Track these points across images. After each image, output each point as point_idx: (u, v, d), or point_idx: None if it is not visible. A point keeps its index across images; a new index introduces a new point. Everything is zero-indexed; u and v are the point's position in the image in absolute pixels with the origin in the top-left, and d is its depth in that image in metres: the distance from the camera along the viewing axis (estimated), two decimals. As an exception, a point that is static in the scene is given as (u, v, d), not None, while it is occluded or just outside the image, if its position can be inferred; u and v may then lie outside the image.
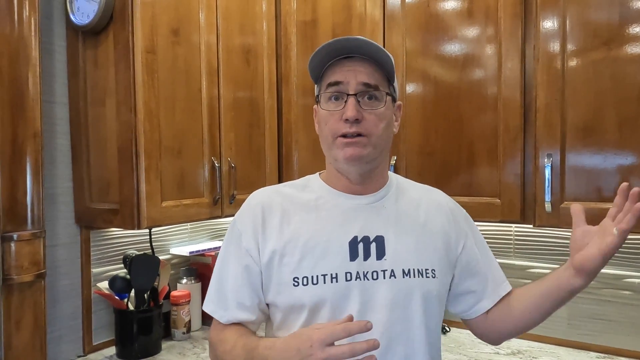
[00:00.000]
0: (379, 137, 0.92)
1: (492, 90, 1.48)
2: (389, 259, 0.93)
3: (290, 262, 0.92)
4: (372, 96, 0.92)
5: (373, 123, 0.91)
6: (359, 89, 0.91)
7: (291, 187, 1.03)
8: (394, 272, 0.92)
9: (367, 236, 0.94)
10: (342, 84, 0.91)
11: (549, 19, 1.36)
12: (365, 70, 0.91)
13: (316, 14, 1.79)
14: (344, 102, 0.91)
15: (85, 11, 1.47)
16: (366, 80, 0.91)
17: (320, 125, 0.97)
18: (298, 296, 0.91)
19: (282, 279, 0.92)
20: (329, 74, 0.94)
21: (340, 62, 0.92)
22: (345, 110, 0.90)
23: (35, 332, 1.39)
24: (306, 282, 0.90)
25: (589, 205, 1.31)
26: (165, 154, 1.50)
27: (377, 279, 0.92)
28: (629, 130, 1.27)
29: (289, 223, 0.95)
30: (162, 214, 1.48)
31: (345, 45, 0.90)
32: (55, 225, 1.54)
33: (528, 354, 1.59)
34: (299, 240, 0.93)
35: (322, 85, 0.95)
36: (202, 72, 1.62)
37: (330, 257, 0.91)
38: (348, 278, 0.90)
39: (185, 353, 1.65)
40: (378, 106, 0.92)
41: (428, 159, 1.59)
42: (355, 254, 0.92)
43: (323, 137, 0.96)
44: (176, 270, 1.91)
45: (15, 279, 1.34)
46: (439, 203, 1.04)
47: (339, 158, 0.93)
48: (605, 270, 1.55)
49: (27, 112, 1.38)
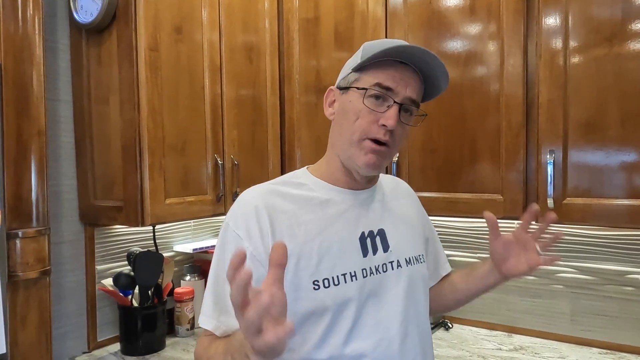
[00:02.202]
0: (397, 151, 0.95)
1: (494, 87, 1.48)
2: (393, 251, 0.95)
3: (308, 266, 0.87)
4: (409, 110, 0.91)
5: (400, 137, 0.91)
6: (405, 101, 0.89)
7: (285, 185, 0.96)
8: (400, 262, 0.95)
9: (372, 230, 0.95)
10: (392, 92, 0.88)
11: (551, 16, 1.36)
12: (415, 85, 0.90)
13: (318, 12, 1.80)
14: (387, 107, 0.88)
15: (88, 9, 1.47)
16: (414, 96, 0.90)
17: (346, 114, 0.91)
18: (321, 299, 0.87)
19: (300, 284, 0.87)
20: (380, 71, 0.89)
21: (394, 64, 0.89)
22: (387, 117, 0.87)
23: (40, 329, 1.40)
24: (327, 284, 0.87)
25: (592, 202, 1.32)
26: (169, 151, 1.51)
27: (387, 272, 0.93)
28: (632, 127, 1.27)
29: (298, 224, 0.90)
30: (165, 211, 1.49)
31: (417, 53, 0.88)
32: (60, 223, 1.55)
33: (531, 349, 1.60)
34: (314, 242, 0.89)
35: (364, 78, 0.90)
36: (205, 69, 1.63)
37: (347, 256, 0.90)
38: (365, 274, 0.91)
39: (189, 349, 1.66)
40: (410, 121, 0.92)
41: (430, 156, 1.59)
42: (366, 249, 0.93)
43: (346, 129, 0.91)
44: (180, 267, 1.92)
45: (20, 275, 1.35)
46: (407, 191, 1.11)
47: (359, 161, 0.90)
48: (607, 266, 1.58)
49: (32, 110, 1.38)
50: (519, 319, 1.74)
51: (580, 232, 1.62)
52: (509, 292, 1.75)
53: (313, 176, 0.98)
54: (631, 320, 1.55)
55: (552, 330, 1.68)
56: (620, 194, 1.28)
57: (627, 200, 1.27)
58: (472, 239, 1.80)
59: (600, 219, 1.31)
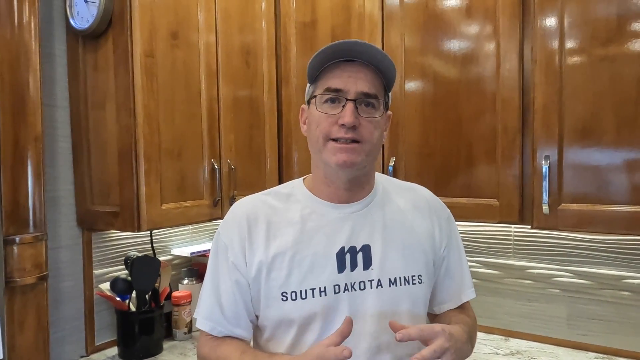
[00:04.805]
0: (373, 145, 0.91)
1: (490, 91, 1.47)
2: (375, 269, 0.93)
3: (277, 277, 0.91)
4: (370, 104, 0.90)
5: (369, 130, 0.89)
6: (358, 96, 0.89)
7: (275, 197, 0.99)
8: (381, 282, 0.92)
9: (354, 246, 0.93)
10: (342, 92, 0.89)
11: (546, 19, 1.36)
12: (367, 78, 0.89)
13: (315, 15, 1.80)
14: (342, 107, 0.88)
15: (84, 15, 1.48)
16: (367, 90, 0.89)
17: (310, 126, 0.94)
18: (287, 311, 0.90)
19: (270, 293, 0.91)
20: (328, 76, 0.90)
21: (340, 66, 0.90)
22: (342, 116, 0.88)
23: (38, 333, 1.41)
24: (295, 297, 0.90)
25: (587, 208, 1.31)
26: (165, 156, 1.51)
27: (364, 289, 0.91)
28: (627, 131, 1.26)
29: (275, 236, 0.93)
30: (162, 216, 1.49)
31: (353, 48, 0.87)
32: (57, 228, 1.56)
33: (527, 354, 1.59)
34: (285, 255, 0.91)
35: (318, 87, 0.92)
36: (202, 73, 1.63)
37: (318, 271, 0.90)
38: (337, 290, 0.90)
39: (186, 353, 1.67)
40: (375, 114, 0.90)
41: (427, 160, 1.59)
42: (343, 265, 0.91)
43: (313, 138, 0.93)
44: (178, 270, 1.93)
45: (18, 281, 1.36)
46: (424, 203, 1.04)
47: (331, 163, 0.90)
48: (604, 271, 1.58)
49: (28, 116, 1.39)
50: (516, 323, 1.73)
51: (577, 237, 1.62)
52: (506, 296, 1.74)
53: (305, 188, 0.99)
54: (628, 325, 1.55)
55: (549, 335, 1.67)
56: (616, 200, 1.27)
57: (623, 206, 1.26)
58: (469, 243, 1.79)
59: (596, 225, 1.30)
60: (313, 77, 0.94)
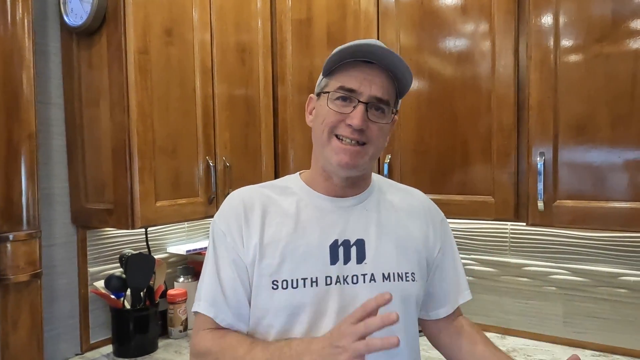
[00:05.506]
0: (377, 149, 0.92)
1: (486, 88, 1.47)
2: (369, 263, 0.93)
3: (269, 265, 0.91)
4: (380, 109, 0.90)
5: (375, 134, 0.90)
6: (371, 100, 0.89)
7: (271, 189, 1.00)
8: (374, 276, 0.92)
9: (348, 239, 0.93)
10: (355, 93, 0.89)
11: (541, 16, 1.35)
12: (382, 83, 0.89)
13: (311, 12, 1.79)
14: (352, 107, 0.89)
15: (78, 12, 1.47)
16: (380, 95, 0.89)
17: (317, 118, 0.94)
18: (277, 299, 0.90)
19: (260, 281, 0.91)
20: (344, 74, 0.90)
21: (357, 66, 0.90)
22: (352, 117, 0.88)
23: (32, 332, 1.41)
24: (285, 286, 0.89)
25: (582, 204, 1.31)
26: (159, 154, 1.51)
27: (357, 283, 0.91)
28: (622, 128, 1.26)
29: (270, 225, 0.93)
30: (156, 213, 1.49)
31: (373, 50, 0.87)
32: (52, 225, 1.56)
33: (523, 352, 1.59)
34: (279, 244, 0.91)
35: (332, 82, 0.92)
36: (196, 71, 1.62)
37: (311, 261, 0.91)
38: (328, 282, 0.90)
39: (181, 351, 1.66)
40: (383, 119, 0.91)
41: (422, 157, 1.58)
42: (336, 257, 0.92)
43: (317, 130, 0.93)
44: (173, 268, 1.92)
45: (11, 278, 1.35)
46: (418, 205, 1.04)
47: (332, 161, 0.90)
48: (600, 268, 1.57)
49: (22, 114, 1.38)
50: (512, 321, 1.73)
51: (573, 234, 1.61)
52: (502, 293, 1.74)
53: (301, 181, 1.00)
54: (624, 322, 1.54)
55: (545, 332, 1.67)
56: (612, 197, 1.27)
57: (618, 203, 1.26)
58: (465, 240, 1.79)
59: (591, 221, 1.30)
60: (328, 71, 0.93)
